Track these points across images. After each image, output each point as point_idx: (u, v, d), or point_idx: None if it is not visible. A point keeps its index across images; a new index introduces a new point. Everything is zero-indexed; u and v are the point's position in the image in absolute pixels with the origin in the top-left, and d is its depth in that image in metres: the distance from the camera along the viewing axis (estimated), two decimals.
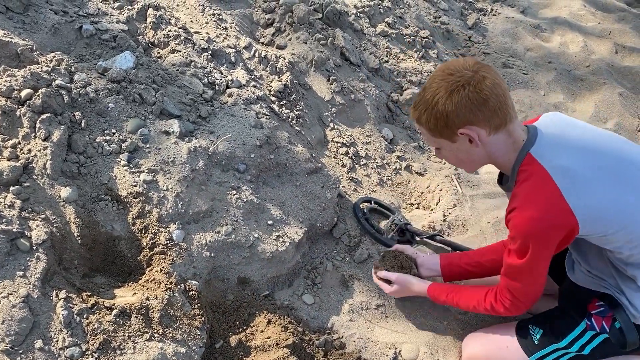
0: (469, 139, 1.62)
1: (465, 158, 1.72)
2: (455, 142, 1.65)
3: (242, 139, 2.28)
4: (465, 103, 1.55)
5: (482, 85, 1.55)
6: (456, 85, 1.56)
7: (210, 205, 2.08)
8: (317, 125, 2.80)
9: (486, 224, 2.66)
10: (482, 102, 1.55)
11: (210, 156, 2.17)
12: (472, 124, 1.58)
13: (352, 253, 2.43)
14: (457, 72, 1.58)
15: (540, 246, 1.60)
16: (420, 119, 1.67)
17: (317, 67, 2.90)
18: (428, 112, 1.62)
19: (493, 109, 1.56)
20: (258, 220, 2.18)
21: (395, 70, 3.34)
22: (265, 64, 2.75)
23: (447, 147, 1.71)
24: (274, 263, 2.14)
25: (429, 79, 1.65)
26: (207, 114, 2.34)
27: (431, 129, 1.66)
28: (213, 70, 2.55)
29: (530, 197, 1.58)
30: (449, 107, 1.56)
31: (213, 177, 2.15)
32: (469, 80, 1.55)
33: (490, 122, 1.58)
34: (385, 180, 2.81)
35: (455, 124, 1.59)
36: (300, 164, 2.42)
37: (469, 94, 1.55)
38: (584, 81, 3.94)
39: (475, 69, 1.58)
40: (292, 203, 2.32)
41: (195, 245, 2.00)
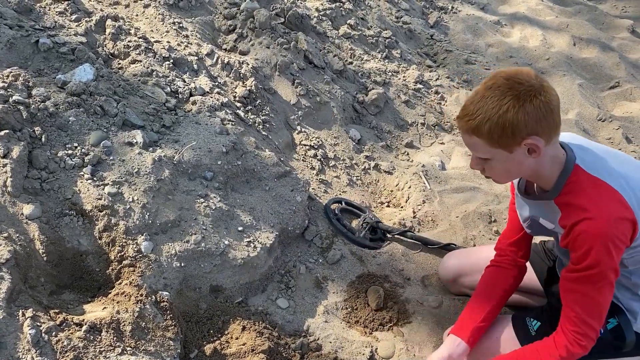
0: (530, 148, 1.60)
1: (513, 169, 1.69)
2: (513, 152, 1.59)
3: (207, 147, 2.27)
4: (537, 113, 1.51)
5: (550, 95, 1.54)
6: (528, 95, 1.52)
7: (178, 215, 2.06)
8: (284, 129, 2.80)
9: (455, 218, 2.70)
10: (550, 112, 1.53)
11: (175, 165, 2.15)
12: (537, 134, 1.56)
13: (324, 254, 2.43)
14: (525, 81, 1.53)
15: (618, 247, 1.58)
16: (479, 129, 1.58)
17: (281, 72, 2.90)
18: (492, 122, 1.55)
19: (555, 120, 1.56)
20: (228, 227, 2.17)
21: (359, 71, 3.36)
22: (228, 70, 2.75)
23: (500, 158, 1.64)
24: (246, 269, 2.13)
25: (487, 87, 1.57)
26: (171, 123, 2.32)
27: (492, 139, 1.58)
28: (175, 78, 2.54)
29: (599, 203, 1.58)
30: (520, 116, 1.51)
31: (180, 186, 2.14)
32: (539, 90, 1.53)
33: (551, 132, 1.58)
34: (354, 181, 2.82)
35: (522, 134, 1.54)
36: (268, 168, 2.42)
37: (540, 104, 1.51)
38: (544, 74, 4.02)
39: (540, 80, 1.57)
40: (262, 208, 2.32)
41: (165, 256, 1.98)
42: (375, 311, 2.26)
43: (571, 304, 1.67)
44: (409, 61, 3.79)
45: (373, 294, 2.30)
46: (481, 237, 2.63)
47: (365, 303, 2.30)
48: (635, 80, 4.15)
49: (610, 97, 3.97)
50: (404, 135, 3.21)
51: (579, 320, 1.64)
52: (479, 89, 1.65)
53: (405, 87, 3.46)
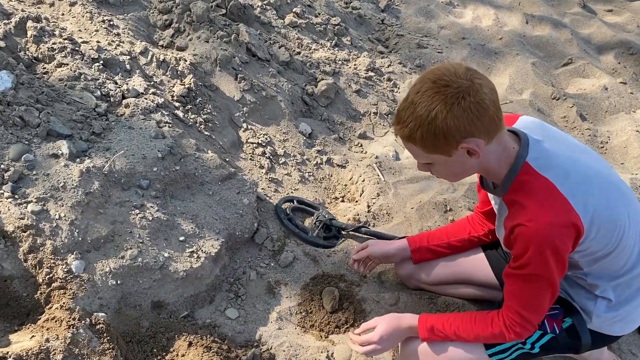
0: (468, 151, 1.52)
1: (458, 171, 1.63)
2: (452, 155, 1.53)
3: (141, 153, 2.13)
4: (467, 115, 1.43)
5: (481, 94, 1.44)
6: (456, 98, 1.42)
7: (111, 229, 1.92)
8: (228, 127, 2.67)
9: (410, 210, 2.62)
10: (483, 111, 1.44)
11: (106, 176, 2.01)
12: (472, 135, 1.48)
13: (276, 258, 2.33)
14: (452, 82, 1.44)
15: (558, 252, 1.53)
16: (412, 136, 1.51)
17: (222, 66, 2.76)
18: (423, 129, 1.47)
19: (492, 117, 1.47)
20: (168, 238, 2.04)
21: (307, 61, 3.24)
22: (164, 69, 2.59)
23: (441, 162, 1.58)
24: (189, 281, 2.01)
25: (415, 91, 1.49)
26: (102, 129, 2.17)
27: (426, 146, 1.52)
28: (106, 81, 2.37)
29: (542, 206, 1.52)
30: (450, 121, 1.43)
31: (112, 198, 2.00)
32: (467, 90, 1.43)
33: (489, 130, 1.49)
34: (307, 177, 2.72)
35: (456, 138, 1.47)
36: (211, 171, 2.29)
37: (470, 106, 1.42)
38: (497, 54, 3.97)
39: (469, 76, 1.46)
40: (206, 214, 2.19)
41: (99, 275, 1.84)
42: (331, 313, 2.17)
43: (509, 295, 1.66)
44: (360, 48, 3.68)
45: (328, 295, 2.21)
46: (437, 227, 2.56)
47: (320, 306, 2.20)
48: (587, 56, 4.14)
49: (564, 74, 3.94)
50: (356, 126, 3.11)
51: (516, 311, 1.63)
52: (409, 93, 1.56)
53: (357, 76, 3.35)
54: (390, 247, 2.19)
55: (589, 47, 4.31)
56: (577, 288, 1.76)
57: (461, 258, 2.18)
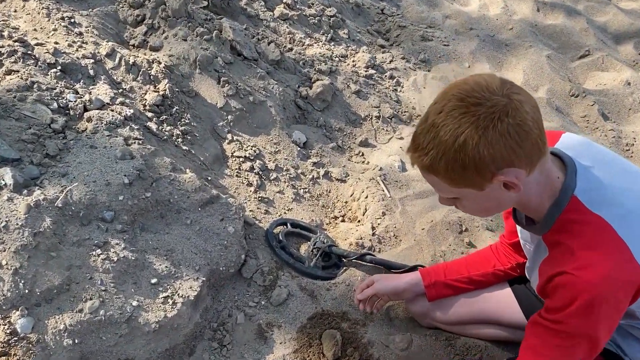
0: (505, 183, 1.21)
1: (492, 206, 1.32)
2: (485, 189, 1.23)
3: (104, 179, 1.78)
4: (506, 141, 1.14)
5: (522, 113, 1.14)
6: (490, 119, 1.13)
7: (66, 277, 1.58)
8: (211, 139, 2.32)
9: (421, 231, 2.29)
10: (525, 135, 1.15)
11: (61, 209, 1.67)
12: (511, 165, 1.17)
13: (268, 294, 2.00)
14: (485, 99, 1.15)
15: (612, 310, 1.22)
16: (434, 167, 1.22)
17: (202, 68, 2.41)
18: (449, 158, 1.18)
19: (535, 141, 1.16)
20: (137, 281, 1.71)
21: (300, 59, 2.89)
22: (135, 73, 2.24)
23: (470, 197, 1.28)
24: (164, 333, 1.68)
25: (437, 111, 1.20)
26: (57, 150, 1.82)
27: (453, 179, 1.23)
28: (65, 90, 2.02)
29: (595, 252, 1.22)
30: (483, 149, 1.14)
31: (68, 236, 1.66)
32: (505, 109, 1.14)
33: (532, 158, 1.19)
34: (302, 194, 2.38)
35: (491, 169, 1.17)
36: (189, 196, 1.95)
37: (508, 129, 1.13)
38: (508, 46, 3.63)
39: (506, 91, 1.16)
40: (184, 248, 1.86)
41: (51, 334, 1.51)
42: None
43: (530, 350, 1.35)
44: (359, 42, 3.33)
45: (329, 340, 1.89)
46: (452, 252, 2.24)
47: (320, 353, 1.88)
48: (605, 46, 3.80)
49: (581, 67, 3.61)
50: (357, 132, 2.77)
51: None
52: (428, 112, 1.23)
53: (356, 74, 3.01)
54: (400, 283, 1.87)
55: (606, 37, 3.97)
56: (631, 339, 1.45)
57: (484, 294, 1.87)
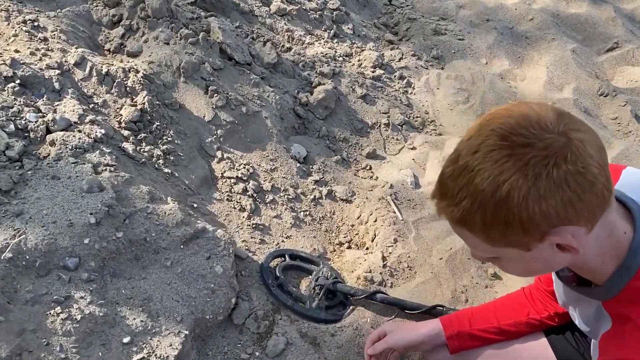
0: (559, 244, 0.93)
1: (539, 268, 1.03)
2: (532, 249, 0.95)
3: (67, 218, 1.51)
4: (564, 194, 0.86)
5: (585, 158, 0.86)
6: (544, 166, 0.85)
7: (16, 345, 1.31)
8: (197, 158, 2.04)
9: (438, 261, 2.01)
10: (589, 186, 0.87)
11: (12, 260, 1.39)
12: (569, 223, 0.89)
13: (263, 343, 1.73)
14: (536, 138, 0.86)
15: None
16: (468, 221, 0.94)
17: (187, 77, 2.11)
18: (486, 212, 0.90)
19: (601, 193, 0.88)
20: (106, 342, 1.43)
21: (300, 61, 2.58)
22: (109, 84, 1.95)
23: (513, 258, 1.00)
24: None
25: (472, 150, 0.91)
26: (11, 183, 1.54)
27: (491, 237, 0.94)
28: (24, 108, 1.74)
29: None
30: (534, 205, 0.86)
31: (20, 293, 1.38)
32: (562, 152, 0.85)
33: (595, 213, 0.90)
34: (302, 218, 2.10)
35: (542, 228, 0.89)
36: (169, 231, 1.67)
37: (567, 178, 0.85)
38: (529, 39, 3.31)
39: (563, 128, 0.87)
40: (163, 296, 1.59)
41: None
42: None
43: None
44: (365, 38, 3.01)
45: None
46: (474, 286, 1.96)
47: None
48: (635, 38, 3.47)
49: (609, 61, 3.28)
50: (363, 142, 2.47)
51: None
52: (460, 150, 0.94)
53: (362, 76, 2.70)
54: (417, 335, 1.59)
55: (635, 26, 3.64)
56: None
57: (516, 345, 1.59)
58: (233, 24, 2.52)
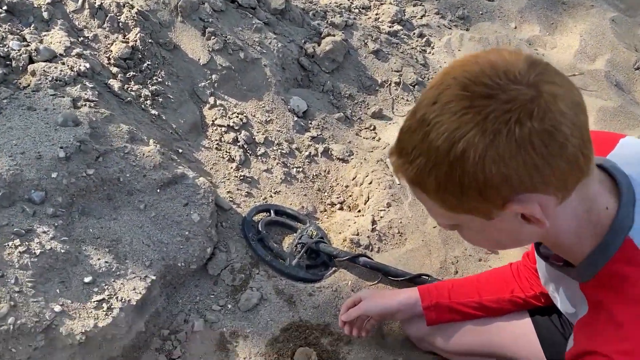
0: (524, 215, 0.82)
1: (506, 240, 0.93)
2: (494, 218, 0.84)
3: (36, 150, 1.45)
4: (527, 156, 0.74)
5: (555, 115, 0.74)
6: (505, 121, 0.73)
7: None
8: (189, 102, 1.96)
9: (431, 230, 1.91)
10: (559, 149, 0.75)
11: None
12: (534, 190, 0.77)
13: (237, 296, 1.67)
14: (499, 89, 0.74)
15: None
16: (422, 182, 0.83)
17: (185, 16, 2.01)
18: (440, 173, 0.79)
19: (575, 155, 0.76)
20: (66, 279, 1.39)
21: (311, 9, 2.45)
22: (101, 18, 1.87)
23: (473, 227, 0.90)
24: (93, 346, 1.38)
25: (431, 101, 0.80)
26: None
27: (446, 201, 0.84)
28: (9, 36, 1.68)
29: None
30: (492, 166, 0.75)
31: None
32: (528, 107, 0.73)
33: (567, 180, 0.78)
34: (294, 174, 2.01)
35: (502, 194, 0.78)
36: (145, 174, 1.61)
37: (532, 138, 0.73)
38: (566, 4, 3.07)
39: (534, 79, 0.75)
40: (133, 238, 1.54)
41: None
42: None
43: None
44: None
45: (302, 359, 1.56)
46: (466, 258, 1.85)
47: None
48: None
49: None
50: (370, 101, 2.34)
51: None
52: (421, 100, 0.82)
53: (377, 30, 2.55)
54: (392, 302, 1.51)
55: None
56: None
57: (498, 323, 1.50)
58: None
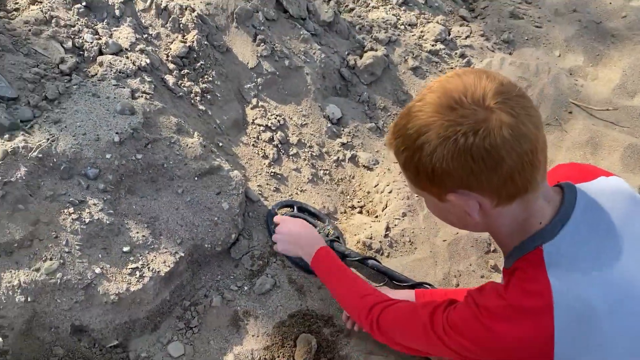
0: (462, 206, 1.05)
1: (455, 220, 1.16)
2: (444, 201, 1.08)
3: (95, 132, 1.69)
4: (465, 162, 0.96)
5: (496, 137, 0.94)
6: (454, 131, 0.95)
7: (30, 232, 1.53)
8: (234, 101, 2.16)
9: (441, 242, 2.04)
10: (493, 165, 0.95)
11: (42, 159, 1.59)
12: (470, 189, 1.00)
13: (254, 280, 1.87)
14: (461, 105, 0.96)
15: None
16: (398, 156, 1.09)
17: (240, 22, 2.21)
18: (408, 155, 1.04)
19: (509, 174, 0.96)
20: (108, 247, 1.63)
21: (358, 23, 2.60)
22: (165, 18, 2.09)
23: (430, 203, 1.15)
24: (124, 307, 1.60)
25: (420, 97, 1.05)
26: (57, 94, 1.74)
27: (410, 178, 1.10)
28: (84, 29, 1.92)
29: (513, 315, 1.03)
30: (437, 161, 0.98)
31: (42, 189, 1.59)
32: (476, 125, 0.94)
33: (500, 191, 0.99)
34: (320, 176, 2.18)
35: (445, 185, 1.02)
36: (186, 162, 1.83)
37: (472, 150, 0.94)
38: (615, 37, 3.09)
39: (493, 104, 0.95)
40: (169, 218, 1.75)
41: (4, 288, 1.47)
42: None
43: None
44: (436, 9, 2.96)
45: (303, 345, 1.74)
46: (470, 273, 1.98)
47: (290, 356, 1.74)
48: None
49: None
50: None
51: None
52: (417, 95, 1.09)
53: (419, 48, 2.68)
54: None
55: None
56: None
57: None
58: None
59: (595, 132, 2.52)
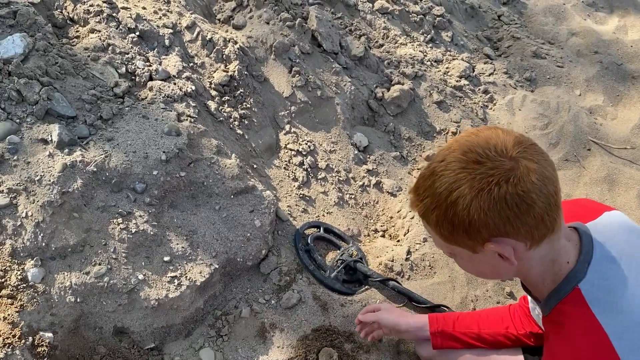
0: (499, 254, 1.12)
1: (488, 271, 1.22)
2: (478, 252, 1.14)
3: (144, 151, 1.85)
4: (501, 210, 1.04)
5: (526, 183, 1.03)
6: (487, 182, 1.03)
7: (82, 238, 1.68)
8: (269, 127, 2.32)
9: (459, 268, 2.13)
10: (527, 208, 1.04)
11: (96, 173, 1.76)
12: (507, 236, 1.08)
13: (280, 295, 1.99)
14: (488, 159, 1.05)
15: None
16: (427, 216, 1.15)
17: (277, 55, 2.39)
18: (440, 212, 1.10)
19: (540, 216, 1.05)
20: (150, 255, 1.77)
21: (386, 58, 2.76)
22: (210, 49, 2.27)
23: (464, 257, 1.20)
24: (161, 312, 1.74)
25: (440, 158, 1.12)
26: (111, 114, 1.91)
27: (443, 234, 1.15)
28: (137, 56, 2.11)
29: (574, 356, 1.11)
30: (474, 213, 1.05)
31: (95, 200, 1.75)
32: (506, 174, 1.03)
33: (533, 233, 1.07)
34: (346, 200, 2.31)
35: (482, 235, 1.08)
36: (224, 182, 1.97)
37: (506, 198, 1.03)
38: (635, 79, 3.20)
39: (516, 154, 1.05)
40: (206, 232, 1.89)
41: (57, 288, 1.62)
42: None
43: None
44: (461, 47, 3.11)
45: (325, 358, 1.84)
46: (486, 299, 2.07)
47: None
48: None
49: None
50: (426, 145, 2.62)
51: None
52: (436, 156, 1.15)
53: (444, 83, 2.82)
54: (402, 322, 1.77)
55: None
56: None
57: (494, 355, 1.72)
58: (336, 14, 2.76)
59: (612, 169, 2.61)
